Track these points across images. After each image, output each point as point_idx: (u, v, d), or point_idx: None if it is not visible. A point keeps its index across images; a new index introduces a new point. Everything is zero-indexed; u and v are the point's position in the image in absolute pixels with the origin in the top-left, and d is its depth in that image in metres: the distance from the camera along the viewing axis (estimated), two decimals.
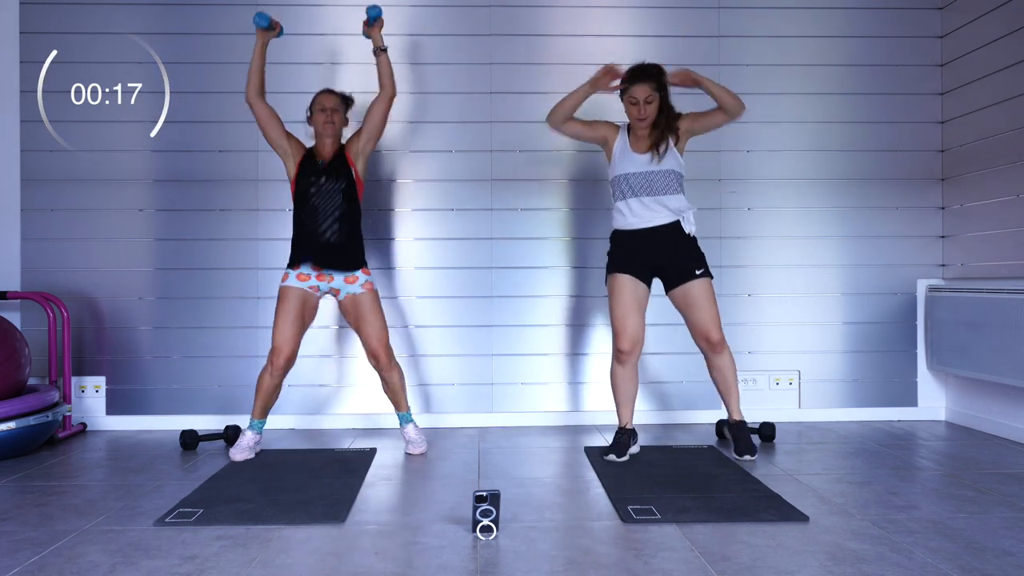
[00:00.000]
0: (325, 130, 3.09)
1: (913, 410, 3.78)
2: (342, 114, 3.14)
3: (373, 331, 3.12)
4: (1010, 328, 3.18)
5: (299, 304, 3.07)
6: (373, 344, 3.12)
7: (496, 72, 3.72)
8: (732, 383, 3.08)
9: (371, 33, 3.09)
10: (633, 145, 3.02)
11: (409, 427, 3.19)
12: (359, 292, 3.11)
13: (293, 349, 3.07)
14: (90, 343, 3.65)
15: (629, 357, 2.98)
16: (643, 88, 2.91)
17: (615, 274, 3.01)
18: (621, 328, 2.97)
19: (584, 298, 3.72)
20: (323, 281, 3.10)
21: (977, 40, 3.54)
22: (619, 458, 2.94)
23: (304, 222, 3.09)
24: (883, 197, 3.79)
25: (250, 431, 3.10)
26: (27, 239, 3.64)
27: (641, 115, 2.93)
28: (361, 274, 3.13)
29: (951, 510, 2.35)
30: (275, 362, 3.04)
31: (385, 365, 3.15)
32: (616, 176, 3.02)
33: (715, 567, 1.90)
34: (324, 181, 3.07)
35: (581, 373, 3.72)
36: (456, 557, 1.97)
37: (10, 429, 2.97)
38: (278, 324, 3.05)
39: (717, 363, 3.05)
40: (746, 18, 3.76)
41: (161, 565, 1.93)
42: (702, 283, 2.98)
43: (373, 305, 3.13)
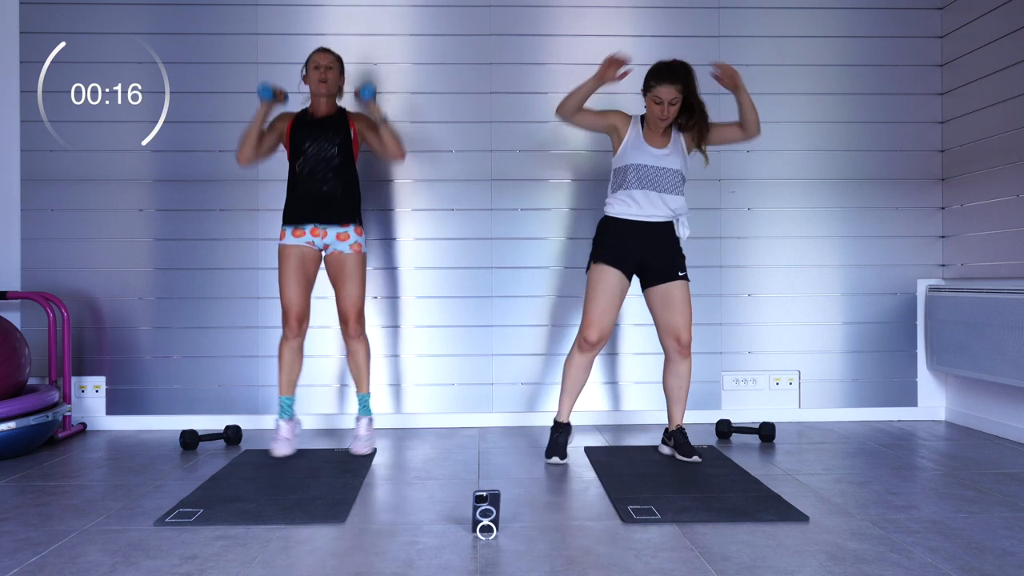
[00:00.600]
0: (319, 88, 3.05)
1: (913, 410, 3.78)
2: (336, 72, 3.09)
3: (349, 293, 3.07)
4: (1010, 328, 3.18)
5: (299, 261, 3.05)
6: (346, 306, 3.07)
7: (496, 72, 3.72)
8: (687, 390, 3.03)
9: (368, 109, 3.08)
10: (647, 137, 2.96)
11: (363, 422, 3.15)
12: (346, 252, 3.07)
13: (303, 307, 3.05)
14: (90, 343, 3.65)
15: (593, 348, 2.96)
16: (669, 90, 2.84)
17: (603, 265, 2.94)
18: (596, 320, 2.92)
19: (583, 298, 3.71)
20: (317, 236, 3.07)
21: (977, 40, 3.54)
22: (561, 460, 2.93)
23: (299, 174, 3.05)
24: (883, 197, 3.79)
25: (282, 420, 3.06)
26: (27, 239, 3.64)
27: (663, 115, 2.88)
28: (353, 233, 3.08)
29: (951, 510, 2.35)
30: (289, 322, 3.02)
31: (353, 332, 3.10)
32: (626, 165, 2.95)
33: (715, 567, 1.90)
34: (318, 136, 3.05)
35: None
36: (456, 557, 1.97)
37: (10, 429, 2.97)
38: (283, 285, 3.03)
39: (679, 368, 3.00)
40: (746, 18, 3.76)
41: (161, 565, 1.93)
42: (683, 285, 2.96)
43: (356, 268, 3.08)
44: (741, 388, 3.75)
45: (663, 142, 2.96)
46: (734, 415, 3.67)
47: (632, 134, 2.98)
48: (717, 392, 3.75)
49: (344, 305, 3.09)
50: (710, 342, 3.72)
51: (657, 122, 2.92)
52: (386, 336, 3.69)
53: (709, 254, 3.74)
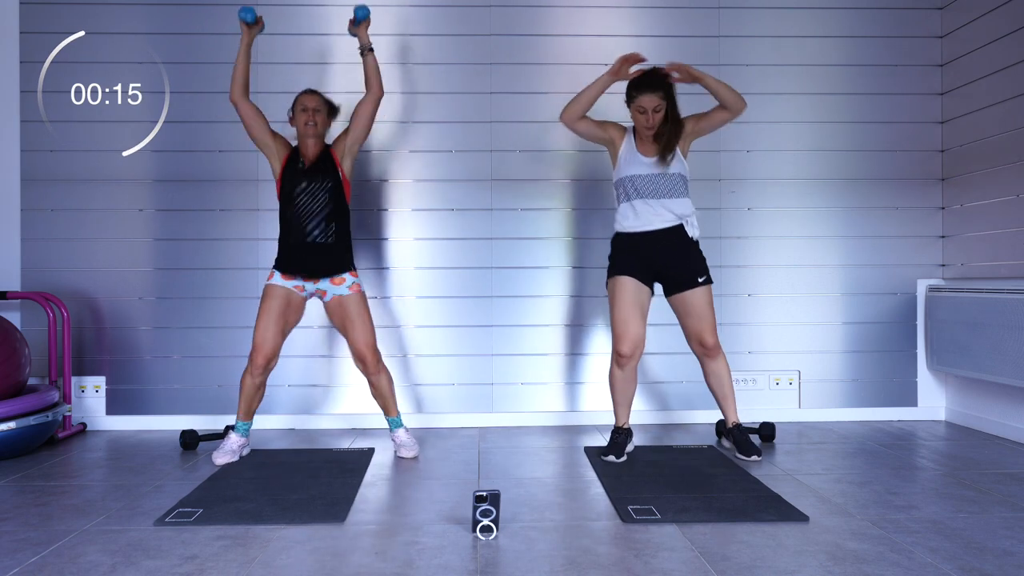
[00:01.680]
0: (307, 131, 3.03)
1: (913, 410, 3.78)
2: (324, 114, 3.08)
3: (360, 334, 3.06)
4: (1010, 328, 3.18)
5: (283, 303, 3.03)
6: (360, 347, 3.06)
7: (496, 72, 3.72)
8: (728, 388, 3.08)
9: (358, 32, 3.05)
10: (639, 148, 3.01)
11: (399, 431, 3.14)
12: (345, 294, 3.06)
13: (274, 348, 3.01)
14: (90, 343, 3.65)
15: (629, 361, 2.97)
16: (651, 98, 2.89)
17: (617, 276, 2.99)
18: (623, 332, 2.95)
19: (584, 298, 3.72)
20: (309, 282, 3.06)
21: (977, 40, 3.54)
22: (617, 459, 2.94)
23: (290, 223, 3.04)
24: (883, 197, 3.79)
25: (235, 433, 3.06)
26: (27, 239, 3.64)
27: (648, 124, 2.93)
28: (348, 276, 3.08)
29: (951, 510, 2.35)
30: (255, 360, 2.99)
31: (372, 368, 3.08)
32: (622, 178, 3.01)
33: (715, 567, 1.90)
34: (309, 181, 3.03)
35: (581, 373, 3.72)
36: (456, 557, 1.97)
37: (10, 429, 2.97)
38: (259, 322, 3.01)
39: (713, 368, 3.06)
40: (746, 18, 3.76)
41: (161, 565, 1.93)
42: (703, 291, 2.99)
43: (360, 307, 3.07)
44: (741, 388, 3.74)
45: (654, 149, 2.99)
46: None
47: (626, 147, 3.02)
48: None
49: (359, 347, 3.07)
50: None
51: (644, 131, 2.96)
52: (386, 336, 3.68)
53: (709, 254, 3.69)
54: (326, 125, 3.12)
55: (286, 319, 3.06)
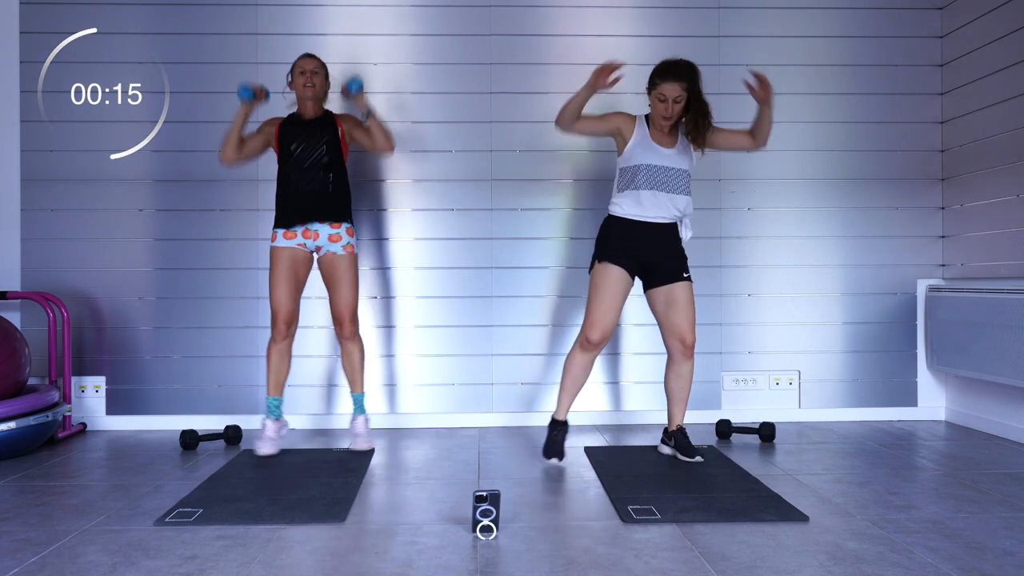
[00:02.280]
0: (305, 92, 3.08)
1: (913, 410, 3.78)
2: (322, 77, 3.12)
3: (343, 294, 3.09)
4: (1010, 328, 3.18)
5: (290, 263, 3.07)
6: (340, 308, 3.09)
7: (496, 72, 3.72)
8: (687, 392, 3.02)
9: (354, 102, 3.09)
10: (655, 137, 2.93)
11: (359, 419, 3.18)
12: (339, 253, 3.09)
13: (291, 309, 3.07)
14: (90, 343, 3.65)
15: (596, 348, 2.94)
16: (674, 87, 2.81)
17: (607, 264, 2.91)
18: (599, 319, 2.90)
19: (584, 298, 3.71)
20: (308, 239, 3.09)
21: (977, 40, 3.54)
22: (560, 461, 2.92)
23: (288, 176, 3.08)
24: (883, 197, 3.79)
25: (269, 420, 3.08)
26: (27, 239, 3.64)
27: (668, 113, 2.85)
28: (345, 234, 3.10)
29: (951, 510, 2.35)
30: (277, 325, 3.04)
31: (348, 333, 3.12)
32: (635, 165, 2.90)
33: (715, 567, 1.90)
34: (306, 137, 3.08)
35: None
36: (456, 557, 1.97)
37: (10, 429, 2.97)
38: (273, 287, 3.05)
39: (682, 369, 2.98)
40: (746, 18, 3.76)
41: (161, 565, 1.93)
42: (687, 287, 2.94)
43: (349, 269, 3.10)
44: (741, 388, 3.75)
45: (671, 142, 2.94)
46: (734, 415, 3.67)
47: (639, 134, 2.93)
48: (717, 392, 3.75)
49: (339, 307, 3.11)
50: (710, 342, 3.72)
51: (661, 121, 2.89)
52: (386, 336, 3.69)
53: (709, 254, 3.74)
54: (324, 88, 3.15)
55: (297, 278, 3.11)
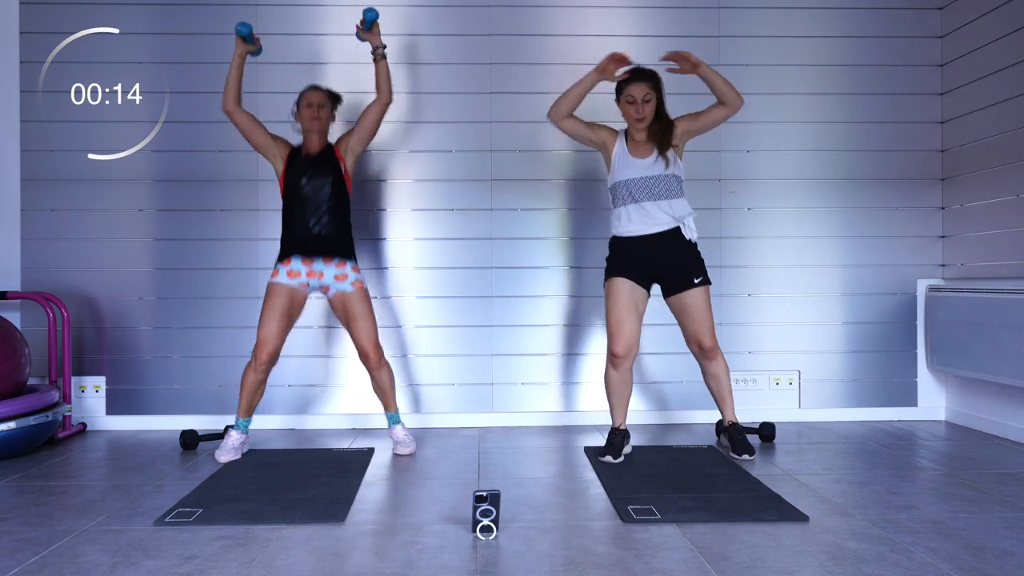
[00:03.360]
0: (311, 126, 3.09)
1: (913, 410, 3.78)
2: (328, 109, 3.14)
3: (363, 330, 3.11)
4: (1010, 328, 3.18)
5: (286, 301, 3.07)
6: (363, 343, 3.11)
7: (496, 72, 3.72)
8: (727, 388, 3.09)
9: (368, 37, 3.07)
10: (632, 150, 3.01)
11: (397, 428, 3.18)
12: (349, 291, 3.10)
13: (277, 345, 3.06)
14: (90, 343, 3.65)
15: (623, 362, 2.97)
16: (640, 87, 2.92)
17: (613, 278, 3.00)
18: (616, 332, 2.96)
19: (583, 298, 3.72)
20: (313, 278, 3.09)
21: (977, 40, 3.54)
22: (615, 459, 2.94)
23: (293, 215, 3.09)
24: (883, 197, 3.79)
25: (235, 431, 3.09)
26: (27, 239, 3.64)
27: (639, 114, 2.93)
28: (351, 271, 3.12)
29: (951, 510, 2.35)
30: (259, 357, 3.03)
31: (375, 364, 3.14)
32: (616, 183, 3.01)
33: (715, 567, 1.90)
34: (312, 174, 3.08)
35: (581, 373, 3.72)
36: (456, 557, 1.97)
37: (10, 429, 2.97)
38: (264, 320, 3.05)
39: (712, 369, 3.07)
40: (746, 18, 3.76)
41: (161, 565, 1.93)
42: (700, 292, 2.98)
43: (363, 304, 3.12)
44: (741, 388, 3.75)
45: (648, 151, 2.99)
46: None
47: (618, 150, 3.02)
48: None
49: (362, 342, 3.12)
50: None
51: (635, 124, 2.96)
52: (386, 336, 3.68)
53: (709, 254, 3.71)
54: (330, 120, 3.17)
55: (290, 316, 3.10)
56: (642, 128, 2.98)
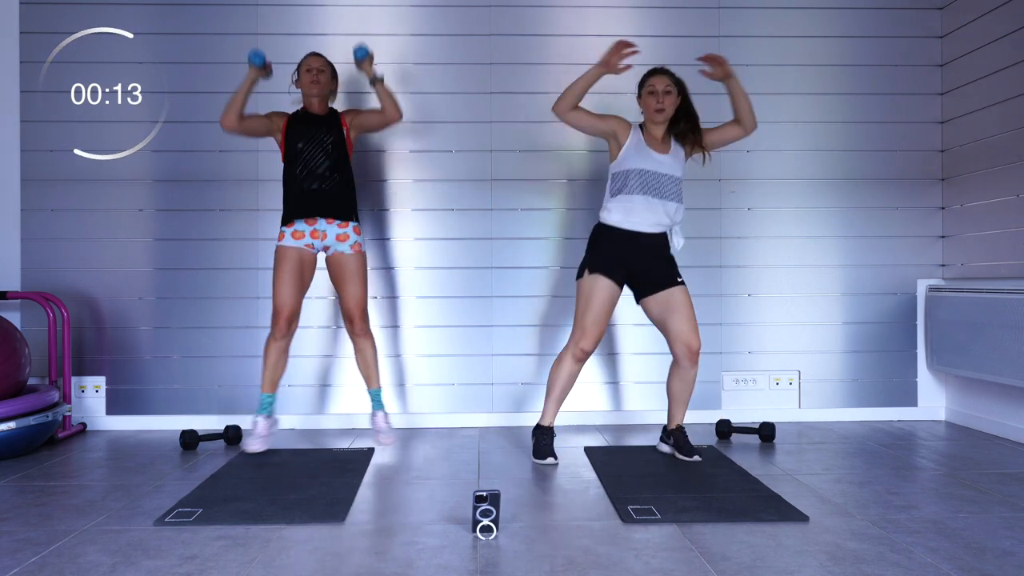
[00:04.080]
0: (311, 89, 3.11)
1: (913, 410, 3.78)
2: (328, 75, 3.15)
3: (352, 293, 3.12)
4: (1010, 328, 3.18)
5: (296, 264, 3.08)
6: (350, 305, 3.12)
7: (496, 72, 3.72)
8: (690, 394, 3.02)
9: (362, 68, 3.10)
10: (650, 143, 2.94)
11: (379, 415, 3.20)
12: (347, 252, 3.12)
13: (294, 308, 3.07)
14: (90, 343, 3.65)
15: (586, 358, 2.97)
16: (661, 79, 2.91)
17: (596, 275, 2.92)
18: (591, 331, 2.92)
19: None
20: (317, 239, 3.11)
21: (977, 40, 3.54)
22: (556, 460, 2.94)
23: (294, 174, 3.10)
24: (883, 197, 3.79)
25: (260, 417, 3.10)
26: (27, 239, 3.64)
27: (659, 105, 2.88)
28: (352, 233, 3.13)
29: (951, 510, 2.35)
30: (278, 323, 3.05)
31: (359, 330, 3.15)
32: (627, 169, 2.91)
33: (715, 567, 1.90)
34: (313, 134, 3.10)
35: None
36: (456, 557, 1.97)
37: (10, 429, 2.97)
38: (277, 285, 3.06)
39: (687, 374, 2.95)
40: (746, 18, 3.76)
41: (161, 565, 1.93)
42: (683, 290, 2.94)
43: (358, 267, 3.13)
44: (741, 388, 3.75)
45: (665, 148, 2.96)
46: (734, 415, 3.67)
47: (633, 140, 2.95)
48: (717, 392, 3.75)
49: (348, 305, 3.14)
50: (710, 342, 3.71)
51: (654, 115, 2.92)
52: (386, 336, 3.69)
53: (709, 254, 3.74)
54: (329, 86, 3.18)
55: (302, 278, 3.11)
56: (662, 121, 2.93)
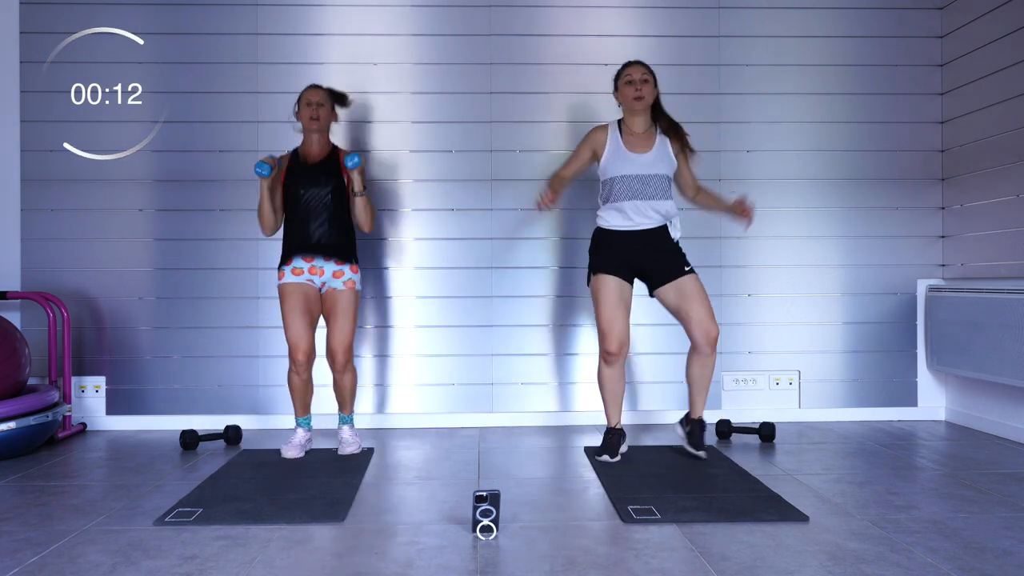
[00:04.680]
0: (310, 126, 3.07)
1: (913, 410, 3.78)
2: (328, 108, 3.11)
3: (340, 329, 3.09)
4: (1010, 328, 3.18)
5: (302, 298, 3.06)
6: (334, 343, 3.09)
7: (496, 72, 3.72)
8: (710, 380, 3.02)
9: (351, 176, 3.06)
10: (628, 144, 2.97)
11: (345, 428, 3.18)
12: (340, 289, 3.09)
13: (308, 343, 3.06)
14: (90, 343, 3.65)
15: (617, 358, 2.96)
16: (638, 68, 2.96)
17: (600, 275, 2.96)
18: (608, 330, 2.93)
19: (583, 298, 3.72)
20: (315, 275, 3.08)
21: (977, 40, 3.54)
22: (612, 459, 2.94)
23: (294, 224, 3.07)
24: (883, 197, 3.79)
25: (300, 428, 3.12)
26: (27, 239, 3.64)
27: (638, 93, 2.92)
28: (348, 271, 3.10)
29: (951, 510, 2.35)
30: (296, 359, 3.04)
31: (340, 367, 3.12)
32: (611, 178, 2.97)
33: (715, 567, 1.90)
34: (311, 184, 3.05)
35: (581, 373, 3.72)
36: (456, 557, 1.97)
37: (10, 429, 2.97)
38: (287, 323, 3.04)
39: (707, 360, 2.96)
40: (746, 18, 3.76)
41: (161, 565, 1.93)
42: (694, 278, 2.95)
43: (348, 305, 3.09)
44: (741, 388, 3.75)
45: (647, 145, 2.97)
46: (734, 415, 3.67)
47: (611, 145, 2.99)
48: (717, 392, 3.75)
49: (333, 341, 3.09)
50: None
51: (633, 104, 2.93)
52: (386, 336, 3.69)
53: (709, 254, 3.74)
54: (330, 119, 3.15)
55: (310, 312, 3.09)
56: (641, 110, 2.95)
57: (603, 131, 3.03)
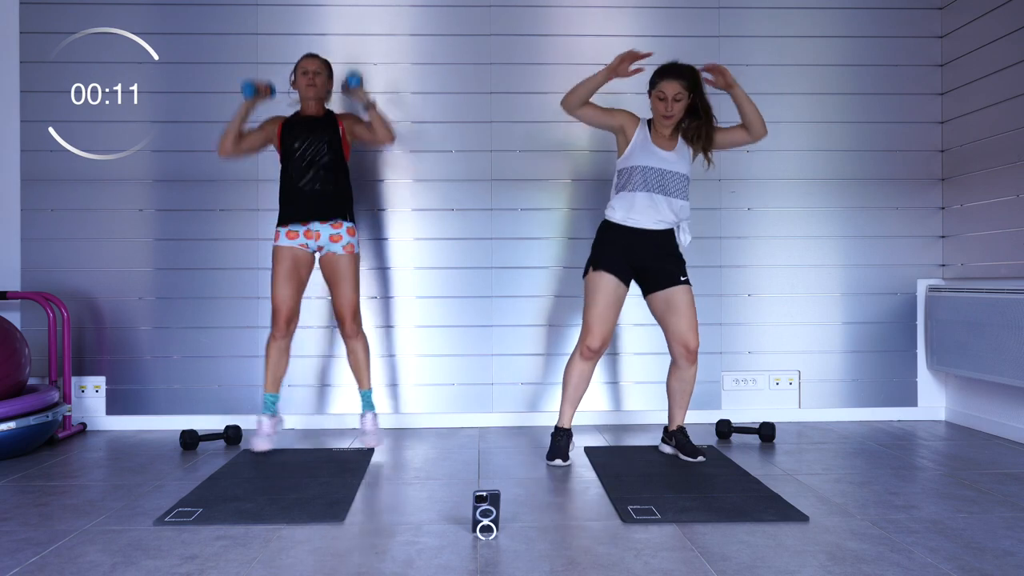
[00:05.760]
0: (307, 92, 3.12)
1: (913, 410, 3.78)
2: (324, 77, 3.16)
3: (344, 293, 3.12)
4: (1010, 328, 3.18)
5: (291, 264, 3.10)
6: (342, 306, 3.12)
7: (496, 72, 3.72)
8: (689, 395, 3.01)
9: (354, 96, 3.11)
10: (656, 140, 2.92)
11: (368, 416, 3.20)
12: (340, 253, 3.12)
13: (292, 307, 3.10)
14: (90, 343, 3.65)
15: (595, 356, 2.95)
16: (673, 85, 2.81)
17: (600, 272, 2.92)
18: (595, 327, 2.91)
19: (583, 298, 3.71)
20: (311, 239, 3.11)
21: (977, 40, 3.54)
22: (564, 463, 2.91)
23: (289, 175, 3.11)
24: (883, 197, 3.79)
25: (265, 416, 3.11)
26: (27, 239, 3.64)
27: (668, 112, 2.84)
28: (346, 234, 3.12)
29: (951, 510, 2.35)
30: (277, 322, 3.07)
31: (350, 331, 3.15)
32: (632, 166, 2.89)
33: (715, 567, 1.90)
34: (308, 134, 3.11)
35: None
36: (456, 557, 1.97)
37: (10, 429, 2.97)
38: (274, 285, 3.08)
39: (686, 374, 2.95)
40: (746, 18, 3.76)
41: (161, 565, 1.93)
42: (686, 290, 2.92)
43: (350, 268, 3.13)
44: (741, 388, 3.75)
45: (671, 145, 2.93)
46: (734, 415, 3.67)
47: (640, 136, 2.93)
48: (717, 392, 3.75)
49: (340, 306, 3.15)
50: (710, 342, 3.71)
51: (661, 120, 2.88)
52: (386, 336, 3.69)
53: (709, 254, 3.74)
54: (326, 87, 3.20)
55: (299, 278, 3.13)
56: (669, 126, 2.91)
57: (636, 119, 2.95)
